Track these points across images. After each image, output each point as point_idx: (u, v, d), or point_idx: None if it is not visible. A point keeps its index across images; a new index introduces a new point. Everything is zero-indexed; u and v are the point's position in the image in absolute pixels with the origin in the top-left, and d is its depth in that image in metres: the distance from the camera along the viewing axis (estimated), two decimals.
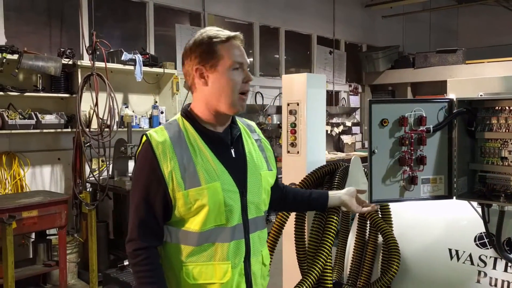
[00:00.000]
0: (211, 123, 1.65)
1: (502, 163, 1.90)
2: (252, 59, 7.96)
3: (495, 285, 2.01)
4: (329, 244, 2.13)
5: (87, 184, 5.18)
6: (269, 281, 1.84)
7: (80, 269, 5.13)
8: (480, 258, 2.08)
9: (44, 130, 4.84)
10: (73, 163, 5.02)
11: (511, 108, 1.88)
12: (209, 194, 1.55)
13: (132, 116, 5.46)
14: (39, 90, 4.88)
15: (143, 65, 5.42)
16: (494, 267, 2.03)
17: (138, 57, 5.32)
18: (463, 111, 1.95)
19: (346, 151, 8.36)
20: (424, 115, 1.93)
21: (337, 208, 2.14)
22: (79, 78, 4.91)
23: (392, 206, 2.33)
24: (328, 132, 8.04)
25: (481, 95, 2.16)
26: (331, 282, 2.19)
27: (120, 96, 5.64)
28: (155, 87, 6.10)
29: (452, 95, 2.71)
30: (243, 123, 1.81)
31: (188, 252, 1.58)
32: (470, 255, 2.10)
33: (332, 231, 2.13)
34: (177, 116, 1.69)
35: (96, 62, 4.84)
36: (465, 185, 2.01)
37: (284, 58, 8.46)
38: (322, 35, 9.12)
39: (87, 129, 4.90)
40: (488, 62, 8.46)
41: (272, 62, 8.38)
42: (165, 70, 5.78)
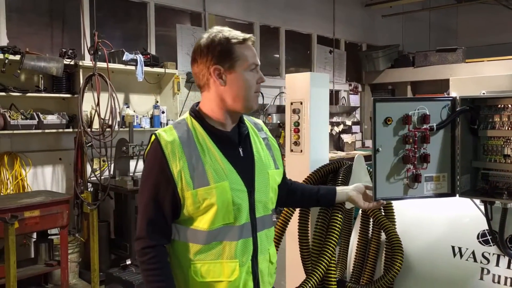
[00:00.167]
0: (220, 122, 1.66)
1: (505, 161, 1.91)
2: None
3: (498, 282, 2.01)
4: (334, 243, 2.13)
5: (88, 184, 5.20)
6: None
7: (81, 269, 5.15)
8: (483, 255, 2.08)
9: (46, 130, 4.85)
10: (75, 163, 5.03)
11: None
12: (218, 193, 1.56)
13: (133, 116, 5.46)
14: (41, 91, 4.90)
15: (144, 65, 5.43)
16: (497, 264, 2.03)
17: (140, 57, 5.33)
18: (466, 109, 1.95)
19: (346, 150, 8.36)
20: (428, 113, 1.93)
21: (341, 206, 2.15)
22: (81, 79, 4.92)
23: (395, 204, 2.33)
24: (328, 131, 8.02)
25: (484, 93, 2.16)
26: (335, 281, 2.20)
27: (121, 96, 5.65)
28: (156, 87, 6.11)
29: (454, 94, 2.73)
30: (250, 122, 1.82)
31: (196, 250, 1.59)
32: (473, 252, 2.10)
33: (337, 230, 2.13)
34: (186, 116, 1.70)
35: (98, 63, 4.85)
36: (468, 183, 2.01)
37: (285, 58, 8.46)
38: (322, 35, 9.12)
39: (89, 129, 4.91)
40: (488, 61, 8.46)
41: (273, 62, 8.38)
42: (166, 70, 5.79)
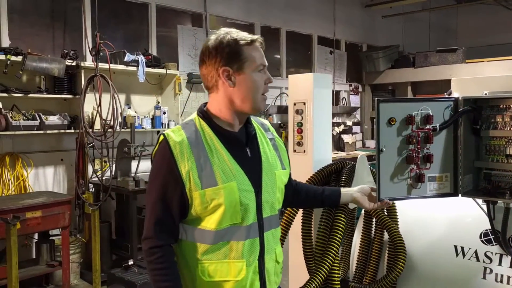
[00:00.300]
0: (228, 123, 1.67)
1: (507, 161, 1.92)
2: None
3: (501, 281, 2.02)
4: (337, 244, 2.14)
5: (90, 185, 5.21)
6: None
7: (83, 270, 5.14)
8: (486, 255, 2.09)
9: (48, 131, 4.85)
10: (76, 164, 5.04)
11: None
12: (226, 194, 1.57)
13: (135, 117, 5.47)
14: (43, 92, 4.90)
15: (146, 66, 5.44)
16: (500, 263, 2.05)
17: (141, 58, 5.34)
18: (469, 110, 1.95)
19: (347, 150, 8.37)
20: (431, 114, 1.94)
21: (345, 207, 2.16)
22: (82, 79, 4.93)
23: (398, 204, 2.34)
24: None
25: (486, 94, 2.18)
26: (339, 281, 2.21)
27: (123, 97, 5.65)
28: (157, 88, 6.12)
29: (456, 94, 2.74)
30: (257, 122, 1.82)
31: (204, 250, 1.60)
32: (476, 252, 2.12)
33: (340, 231, 2.14)
34: (194, 116, 1.70)
35: (99, 63, 4.85)
36: (471, 183, 2.02)
37: (285, 58, 8.47)
38: (323, 35, 9.13)
39: (90, 130, 4.92)
40: (488, 61, 8.48)
41: (273, 62, 8.38)
42: (168, 71, 5.80)
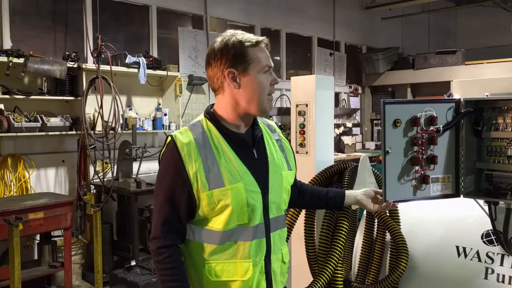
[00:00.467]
0: (235, 124, 1.68)
1: (508, 162, 1.93)
2: None
3: (503, 281, 2.04)
4: (341, 245, 2.16)
5: (91, 186, 5.22)
6: None
7: (85, 271, 5.16)
8: (488, 255, 2.11)
9: (49, 133, 4.87)
10: (78, 165, 5.05)
11: None
12: (233, 195, 1.58)
13: (136, 119, 5.49)
14: (45, 93, 4.92)
15: (147, 68, 5.45)
16: (502, 264, 2.06)
17: (142, 60, 5.35)
18: (471, 111, 1.97)
19: (347, 152, 8.38)
20: (435, 115, 1.94)
21: (348, 208, 2.17)
22: (84, 81, 4.95)
23: (400, 205, 2.36)
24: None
25: (487, 95, 2.20)
26: (342, 281, 2.22)
27: (124, 99, 5.67)
28: (158, 90, 6.14)
29: (457, 96, 2.75)
30: (264, 123, 1.83)
31: (211, 250, 1.61)
32: (478, 252, 2.13)
33: (343, 233, 2.16)
34: (201, 117, 1.72)
35: (101, 65, 4.87)
36: (472, 184, 2.03)
37: (285, 60, 8.49)
38: (323, 37, 9.15)
39: (92, 132, 4.94)
40: (488, 63, 8.51)
41: (273, 64, 8.40)
42: (168, 73, 5.81)
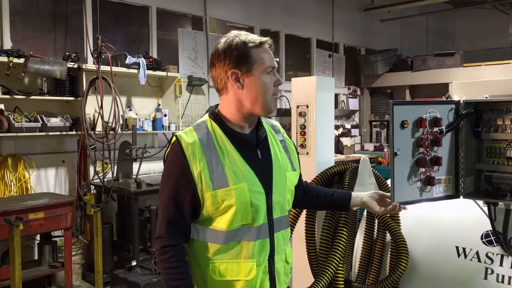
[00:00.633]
0: (239, 125, 1.69)
1: (507, 163, 1.94)
2: None
3: (502, 281, 2.06)
4: (343, 246, 2.17)
5: (91, 186, 5.23)
6: None
7: (85, 271, 5.16)
8: (487, 255, 2.13)
9: (49, 133, 4.87)
10: (78, 166, 5.06)
11: None
12: (237, 195, 1.59)
13: (136, 119, 5.50)
14: (45, 94, 4.93)
15: (147, 69, 5.46)
16: (501, 264, 2.08)
17: (142, 61, 5.37)
18: (472, 112, 1.98)
19: (346, 153, 8.41)
20: (439, 117, 1.95)
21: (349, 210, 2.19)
22: (84, 82, 4.96)
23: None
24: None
25: (486, 97, 2.22)
26: (343, 281, 2.24)
27: (124, 99, 5.68)
28: (158, 90, 6.15)
29: (457, 97, 2.78)
30: (268, 124, 1.84)
31: (215, 250, 1.62)
32: (477, 253, 2.15)
33: (345, 233, 2.17)
34: (205, 118, 1.73)
35: (101, 66, 4.88)
36: (472, 185, 2.05)
37: (284, 62, 8.51)
38: (322, 39, 9.17)
39: (92, 132, 4.95)
40: (486, 65, 8.55)
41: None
42: (168, 74, 5.83)
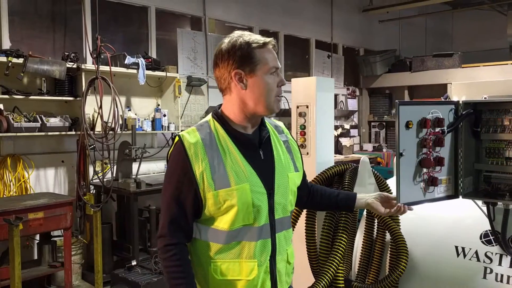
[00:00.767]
0: (242, 125, 1.70)
1: (506, 163, 1.96)
2: None
3: (501, 281, 2.07)
4: (343, 246, 2.18)
5: (91, 186, 5.23)
6: None
7: (84, 270, 5.17)
8: (486, 255, 2.14)
9: (49, 133, 4.88)
10: (77, 166, 5.07)
11: None
12: (238, 195, 1.60)
13: (135, 119, 5.51)
14: (44, 94, 4.93)
15: (146, 69, 5.47)
16: (500, 263, 2.10)
17: (142, 61, 5.37)
18: (471, 112, 2.00)
19: (345, 153, 8.41)
20: (442, 117, 1.95)
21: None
22: (83, 82, 4.96)
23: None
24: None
25: (485, 98, 2.23)
26: (343, 281, 2.25)
27: (123, 99, 5.68)
28: (157, 91, 6.15)
29: (455, 98, 2.80)
30: (271, 124, 1.85)
31: (217, 250, 1.63)
32: (476, 252, 2.17)
33: (345, 233, 2.18)
34: (208, 118, 1.73)
35: (100, 66, 4.89)
36: (471, 185, 2.07)
37: (283, 62, 8.52)
38: (321, 39, 9.18)
39: (91, 132, 4.95)
40: (484, 66, 8.57)
41: None
42: (167, 74, 5.83)
